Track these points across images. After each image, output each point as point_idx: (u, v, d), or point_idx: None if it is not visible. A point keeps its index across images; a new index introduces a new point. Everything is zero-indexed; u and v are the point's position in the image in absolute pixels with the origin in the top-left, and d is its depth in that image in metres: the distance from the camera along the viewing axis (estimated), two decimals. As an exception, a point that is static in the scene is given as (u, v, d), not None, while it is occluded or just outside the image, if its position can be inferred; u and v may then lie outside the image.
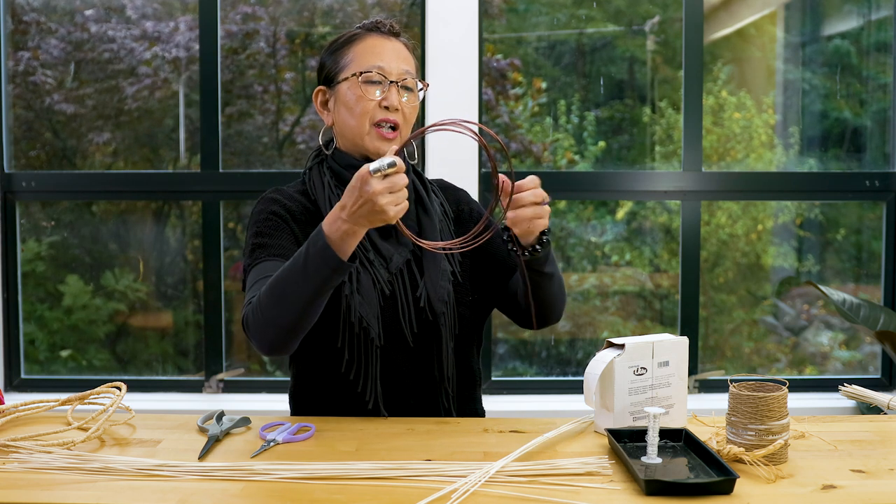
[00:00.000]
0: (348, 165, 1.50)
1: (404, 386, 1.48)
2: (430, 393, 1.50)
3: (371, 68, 1.47)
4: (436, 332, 1.48)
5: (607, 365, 1.32)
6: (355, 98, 1.47)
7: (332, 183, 1.51)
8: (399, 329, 1.46)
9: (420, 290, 1.47)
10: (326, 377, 1.48)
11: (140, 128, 2.96)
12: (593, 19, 3.05)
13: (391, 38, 1.52)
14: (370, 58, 1.49)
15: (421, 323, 1.47)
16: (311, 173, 1.54)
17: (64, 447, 1.22)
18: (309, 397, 1.54)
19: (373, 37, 1.51)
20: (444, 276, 1.50)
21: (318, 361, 1.48)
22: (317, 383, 1.51)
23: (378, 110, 1.48)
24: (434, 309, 1.47)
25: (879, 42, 2.93)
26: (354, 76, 1.48)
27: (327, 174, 1.52)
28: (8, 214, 2.77)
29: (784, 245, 3.15)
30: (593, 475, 1.13)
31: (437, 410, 1.50)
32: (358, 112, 1.47)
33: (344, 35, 1.55)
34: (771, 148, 3.09)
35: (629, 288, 3.09)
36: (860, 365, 3.05)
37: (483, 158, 2.67)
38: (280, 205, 1.49)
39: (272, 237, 1.45)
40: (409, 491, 1.07)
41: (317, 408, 1.51)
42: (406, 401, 1.48)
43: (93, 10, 2.90)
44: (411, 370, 1.48)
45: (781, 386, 1.21)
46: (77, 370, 2.97)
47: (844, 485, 1.10)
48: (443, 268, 1.51)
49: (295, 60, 2.98)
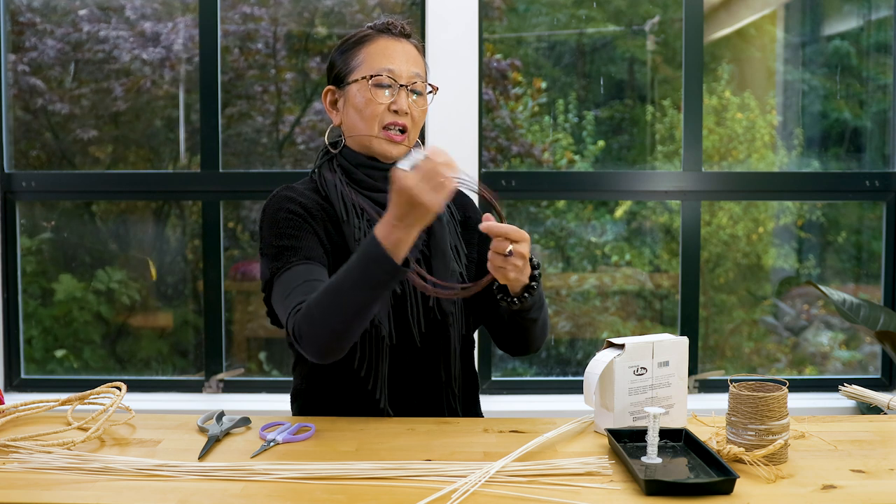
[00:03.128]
0: (358, 164, 1.51)
1: (411, 386, 1.48)
2: (435, 393, 1.51)
3: (381, 71, 1.47)
4: (443, 332, 1.49)
5: (607, 365, 1.32)
6: (365, 101, 1.47)
7: (344, 181, 1.50)
8: (408, 328, 1.46)
9: None
10: (336, 375, 1.48)
11: (140, 128, 2.96)
12: (593, 19, 3.05)
13: (402, 40, 1.52)
14: (381, 60, 1.48)
15: (429, 323, 1.48)
16: (320, 171, 1.54)
17: (64, 447, 1.22)
18: (316, 397, 1.53)
19: (384, 38, 1.51)
20: (453, 277, 1.51)
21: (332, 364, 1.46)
22: (326, 382, 1.51)
23: (387, 114, 1.48)
24: (443, 309, 1.48)
25: (879, 42, 2.93)
26: (365, 79, 1.48)
27: (338, 171, 1.52)
28: (8, 214, 2.77)
29: (784, 246, 3.15)
30: (593, 475, 1.13)
31: (441, 410, 1.51)
32: (367, 115, 1.48)
33: (355, 35, 1.54)
34: (773, 149, 3.09)
35: (629, 288, 3.09)
36: (860, 365, 3.05)
37: (484, 158, 2.67)
38: (296, 203, 1.46)
39: (298, 239, 1.42)
40: (409, 491, 1.07)
41: (322, 408, 1.51)
42: (411, 400, 1.48)
43: (92, 11, 2.90)
44: (418, 370, 1.48)
45: (781, 386, 1.21)
46: (73, 370, 2.97)
47: (844, 485, 1.10)
48: (452, 268, 1.52)
49: (295, 61, 2.98)
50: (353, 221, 1.46)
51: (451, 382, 1.51)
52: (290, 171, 2.88)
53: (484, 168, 2.75)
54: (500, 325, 1.56)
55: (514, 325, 1.49)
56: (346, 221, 1.46)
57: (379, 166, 1.50)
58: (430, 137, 2.60)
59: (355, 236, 1.45)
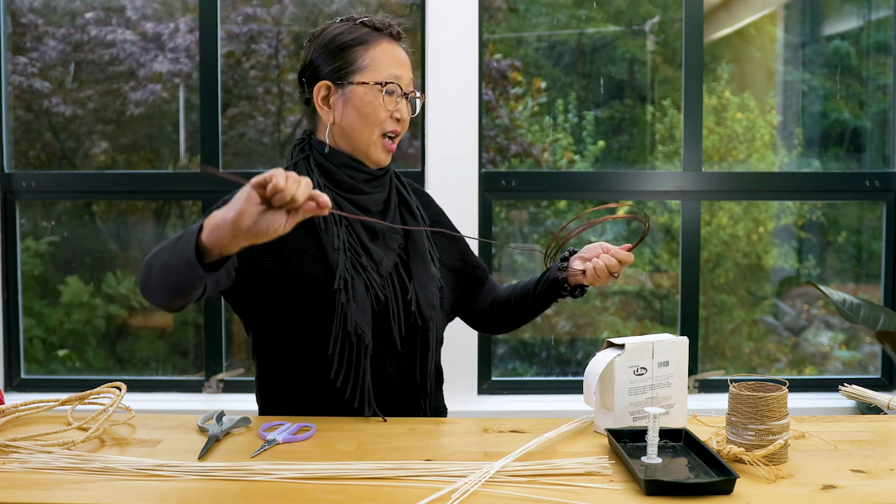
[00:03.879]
0: (342, 164, 1.49)
1: (389, 387, 1.48)
2: (411, 393, 1.51)
3: (391, 78, 1.47)
4: (423, 335, 1.50)
5: (607, 365, 1.32)
6: (372, 106, 1.46)
7: (322, 182, 1.48)
8: (388, 332, 1.46)
9: (410, 294, 1.48)
10: (308, 379, 1.46)
11: (140, 128, 2.96)
12: (593, 19, 3.05)
13: (400, 44, 1.52)
14: (389, 65, 1.47)
15: (409, 326, 1.49)
16: (296, 168, 1.50)
17: (64, 447, 1.22)
18: (282, 395, 1.50)
19: (386, 41, 1.49)
20: (433, 281, 1.52)
21: (301, 364, 1.46)
22: (294, 383, 1.48)
23: (389, 121, 1.48)
24: (423, 313, 1.48)
25: (879, 42, 2.93)
26: (378, 84, 1.46)
27: (316, 171, 1.49)
28: (8, 214, 2.77)
29: (785, 246, 3.15)
30: (593, 475, 1.13)
31: (416, 411, 1.52)
32: (372, 120, 1.46)
33: (354, 33, 1.49)
34: (773, 149, 3.09)
35: (629, 288, 3.09)
36: (860, 365, 3.05)
37: (484, 159, 2.67)
38: None
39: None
40: (409, 491, 1.07)
41: (291, 406, 1.48)
42: (390, 398, 1.48)
43: (92, 13, 2.90)
44: (397, 372, 1.49)
45: (781, 386, 1.21)
46: (75, 370, 2.97)
47: (844, 485, 1.10)
48: (431, 272, 1.52)
49: (296, 62, 2.98)
50: (332, 230, 1.45)
51: (426, 383, 1.52)
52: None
53: (484, 168, 2.75)
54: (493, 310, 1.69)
55: (532, 307, 1.63)
56: (323, 230, 1.45)
57: (362, 169, 1.49)
58: (430, 137, 2.60)
59: (334, 245, 1.44)
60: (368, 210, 1.50)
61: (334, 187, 1.48)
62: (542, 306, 1.62)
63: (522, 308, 1.64)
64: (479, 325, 1.74)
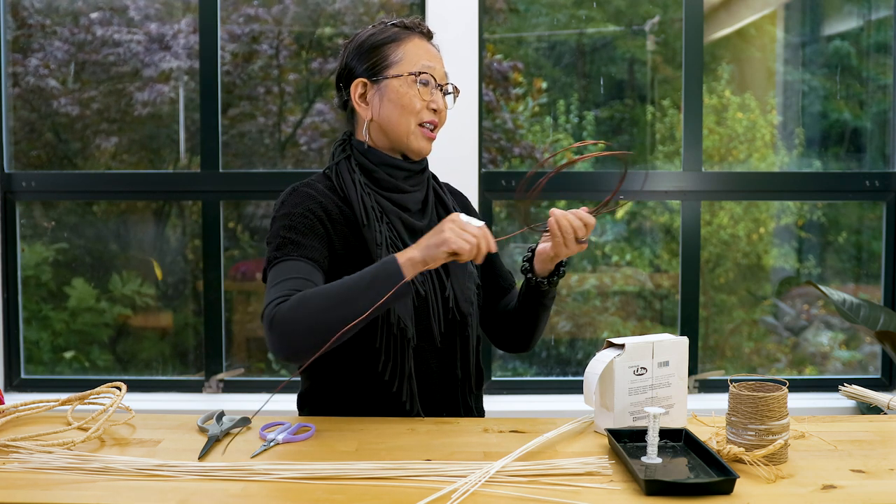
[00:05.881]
0: (381, 163, 1.51)
1: (432, 384, 1.49)
2: (453, 391, 1.52)
3: (425, 69, 1.50)
4: (462, 331, 1.51)
5: (607, 365, 1.32)
6: (408, 96, 1.48)
7: (363, 181, 1.49)
8: (429, 328, 1.48)
9: (448, 290, 1.49)
10: (357, 378, 1.48)
11: (141, 128, 2.96)
12: (593, 19, 3.05)
13: (430, 41, 1.56)
14: (423, 57, 1.51)
15: (448, 323, 1.50)
16: (338, 168, 1.52)
17: (64, 447, 1.22)
18: (327, 401, 1.52)
19: (418, 37, 1.53)
20: (470, 278, 1.55)
21: (351, 362, 1.47)
22: (338, 385, 1.50)
23: (426, 111, 1.50)
24: (461, 309, 1.50)
25: (879, 43, 2.93)
26: (412, 75, 1.48)
27: (357, 171, 1.51)
28: (8, 215, 2.77)
29: (785, 246, 3.15)
30: (593, 475, 1.13)
31: (457, 409, 1.52)
32: (409, 111, 1.48)
33: (385, 32, 1.53)
34: (773, 149, 3.09)
35: (629, 288, 3.09)
36: (860, 365, 3.05)
37: (484, 159, 2.66)
38: (317, 203, 1.46)
39: (306, 236, 1.42)
40: (409, 491, 1.07)
41: (338, 410, 1.49)
42: (434, 397, 1.49)
43: (96, 13, 2.90)
44: (438, 369, 1.50)
45: (781, 386, 1.21)
46: (80, 371, 2.97)
47: (844, 485, 1.10)
48: (469, 269, 1.54)
49: (298, 62, 2.98)
50: (374, 226, 1.46)
51: (468, 380, 1.53)
52: (290, 171, 2.88)
53: (484, 168, 2.75)
54: (500, 318, 1.64)
55: (526, 313, 1.57)
56: (366, 226, 1.46)
57: (402, 166, 1.51)
58: (430, 137, 2.60)
59: (377, 241, 1.45)
60: (407, 209, 1.52)
61: (375, 186, 1.50)
62: (534, 303, 1.58)
63: (520, 313, 1.61)
64: (498, 337, 1.70)
